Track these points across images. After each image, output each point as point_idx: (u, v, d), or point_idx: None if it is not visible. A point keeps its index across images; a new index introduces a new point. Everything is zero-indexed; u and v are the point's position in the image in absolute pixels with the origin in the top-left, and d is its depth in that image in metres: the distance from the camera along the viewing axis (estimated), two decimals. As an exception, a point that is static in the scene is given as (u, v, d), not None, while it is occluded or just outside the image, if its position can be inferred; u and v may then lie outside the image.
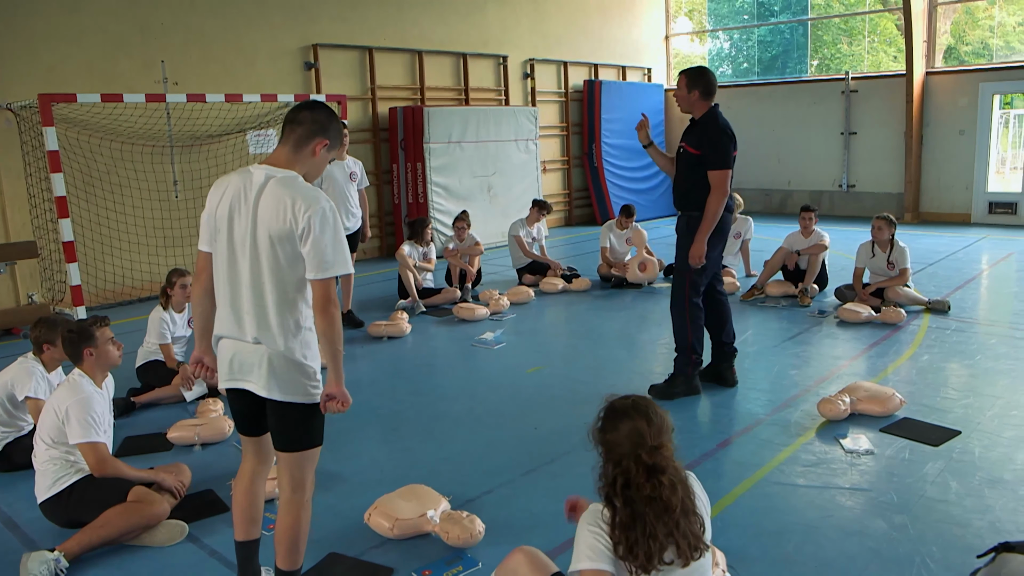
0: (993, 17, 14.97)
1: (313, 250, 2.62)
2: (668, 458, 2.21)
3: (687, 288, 5.27)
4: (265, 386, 2.71)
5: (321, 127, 2.76)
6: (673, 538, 2.17)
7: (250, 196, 2.68)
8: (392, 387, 5.93)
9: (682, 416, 5.09)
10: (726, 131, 5.08)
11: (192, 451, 4.75)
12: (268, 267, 2.66)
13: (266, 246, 2.64)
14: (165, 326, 5.76)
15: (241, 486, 3.00)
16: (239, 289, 2.71)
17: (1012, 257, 10.33)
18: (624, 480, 2.19)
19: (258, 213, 2.64)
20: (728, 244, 9.15)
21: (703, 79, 5.12)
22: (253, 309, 2.69)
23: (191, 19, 9.86)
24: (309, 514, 2.89)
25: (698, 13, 18.50)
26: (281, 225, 2.61)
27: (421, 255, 8.49)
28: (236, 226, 2.69)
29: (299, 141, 2.75)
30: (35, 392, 4.36)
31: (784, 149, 15.99)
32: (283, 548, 2.85)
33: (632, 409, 2.29)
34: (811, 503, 3.81)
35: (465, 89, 13.36)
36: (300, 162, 2.76)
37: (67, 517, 3.69)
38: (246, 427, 2.94)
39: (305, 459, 2.82)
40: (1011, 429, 4.61)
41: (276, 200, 2.63)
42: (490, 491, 4.06)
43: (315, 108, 2.79)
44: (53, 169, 7.89)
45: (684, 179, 5.24)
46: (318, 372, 2.78)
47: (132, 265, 9.29)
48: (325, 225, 2.63)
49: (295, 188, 2.66)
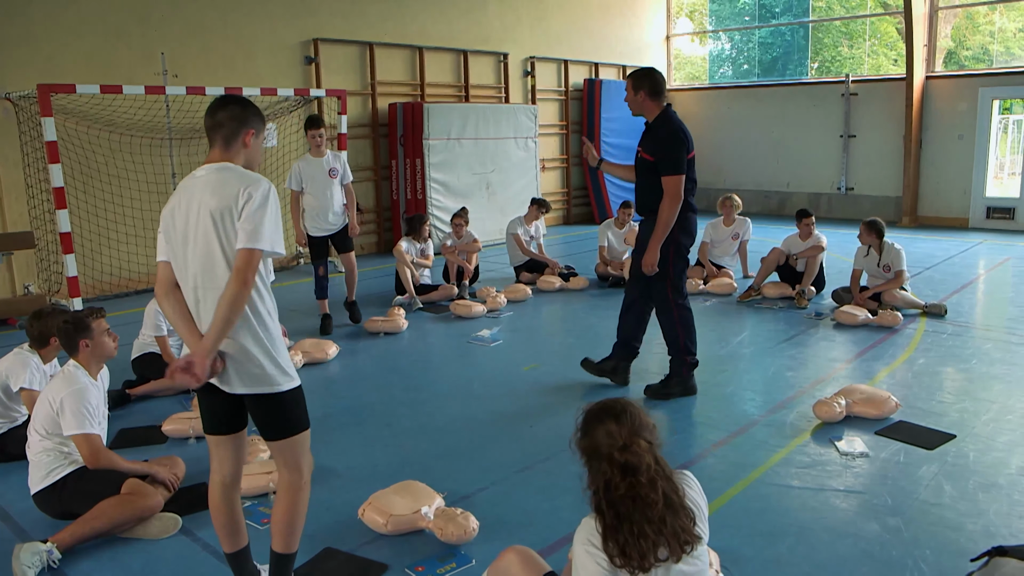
0: (993, 23, 14.98)
1: (247, 222, 2.63)
2: (642, 455, 2.20)
3: (669, 291, 5.24)
4: (229, 381, 2.69)
5: (241, 120, 2.79)
6: (663, 534, 2.18)
7: (192, 189, 2.73)
8: (387, 383, 5.92)
9: (677, 416, 5.09)
10: (678, 134, 5.01)
11: (187, 444, 4.75)
12: (215, 250, 2.65)
13: (210, 226, 2.64)
14: (161, 318, 5.75)
15: (215, 500, 2.92)
16: (193, 281, 2.71)
17: (1009, 262, 10.35)
18: (604, 482, 2.21)
19: (201, 199, 2.67)
20: (726, 245, 9.26)
21: (648, 79, 5.09)
22: (206, 300, 2.69)
23: (191, 11, 9.84)
24: (306, 497, 2.88)
25: (699, 14, 18.49)
26: (220, 202, 2.64)
27: (419, 251, 8.48)
28: (181, 220, 2.72)
29: (227, 139, 2.79)
30: (30, 383, 4.36)
31: (783, 151, 16.00)
32: (279, 530, 2.85)
33: (603, 412, 2.32)
34: (805, 504, 3.82)
35: (465, 86, 13.35)
36: (235, 156, 2.80)
37: (60, 508, 3.68)
38: (216, 425, 2.86)
39: (295, 444, 2.82)
40: (1005, 434, 4.61)
41: (217, 183, 2.69)
42: (484, 488, 4.05)
43: (227, 104, 2.81)
44: (51, 160, 7.88)
45: (642, 184, 5.22)
46: (281, 361, 2.74)
47: (129, 257, 9.28)
48: (265, 202, 2.67)
49: (236, 171, 2.75)
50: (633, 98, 5.09)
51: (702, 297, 8.52)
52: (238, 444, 2.91)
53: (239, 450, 2.92)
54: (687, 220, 5.16)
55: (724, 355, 6.39)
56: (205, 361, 2.60)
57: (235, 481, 2.95)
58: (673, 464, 4.24)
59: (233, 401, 2.78)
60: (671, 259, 5.18)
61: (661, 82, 5.13)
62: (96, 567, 3.40)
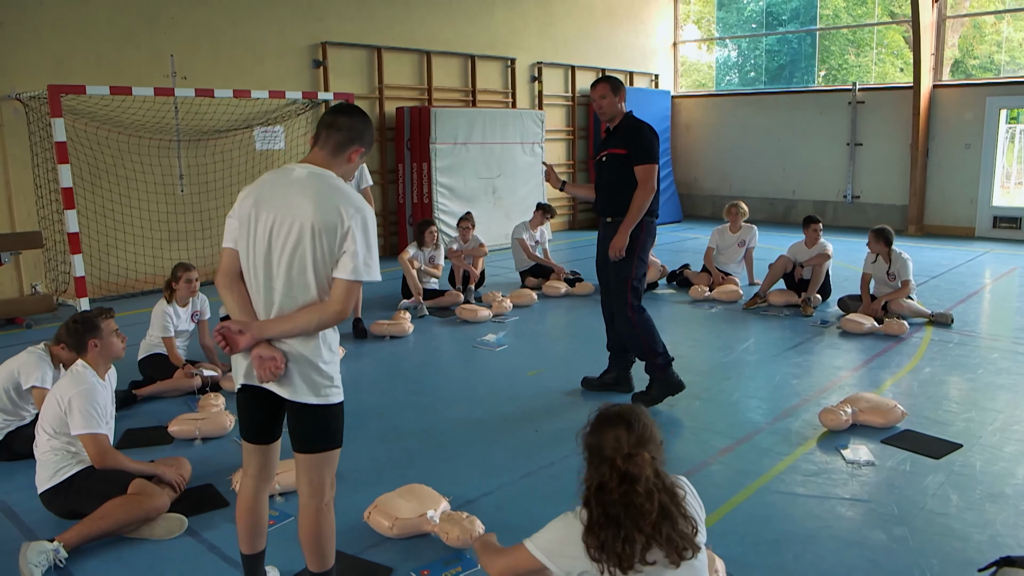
0: (1000, 32, 14.97)
1: (354, 254, 2.60)
2: (643, 467, 2.24)
3: (628, 296, 5.22)
4: (291, 384, 2.66)
5: (359, 134, 2.77)
6: (656, 541, 2.21)
7: (288, 188, 2.65)
8: (393, 387, 5.93)
9: (681, 424, 5.09)
10: (650, 128, 5.20)
11: (193, 445, 4.76)
12: (306, 263, 2.61)
13: (307, 239, 2.59)
14: (168, 319, 5.77)
15: (244, 505, 2.91)
16: (271, 283, 2.66)
17: (1016, 272, 10.33)
18: (599, 483, 2.25)
19: (299, 205, 2.60)
20: (732, 252, 9.26)
21: (622, 85, 5.25)
22: (282, 306, 2.65)
23: (200, 13, 9.88)
24: (330, 517, 2.81)
25: (706, 21, 18.51)
26: (323, 218, 2.58)
27: (427, 258, 8.47)
28: (267, 218, 2.63)
29: (337, 147, 2.74)
30: (42, 382, 4.37)
31: (789, 159, 15.99)
32: (308, 552, 2.81)
33: (617, 417, 2.35)
34: (811, 513, 3.81)
35: (472, 91, 13.38)
36: (337, 166, 2.75)
37: (67, 508, 3.69)
38: (255, 432, 2.84)
39: (323, 461, 2.75)
40: (1012, 444, 4.60)
41: (319, 193, 2.61)
42: (490, 492, 4.06)
43: (353, 114, 2.77)
44: (60, 160, 7.92)
45: (609, 183, 5.23)
46: (336, 374, 2.74)
47: (136, 258, 9.31)
48: (370, 231, 2.66)
49: (338, 185, 2.68)
50: (613, 101, 5.17)
51: (707, 304, 8.51)
52: (273, 451, 2.91)
53: (273, 456, 2.92)
54: (651, 224, 5.25)
55: (729, 362, 6.39)
56: (254, 340, 2.60)
57: (267, 485, 2.95)
58: (678, 471, 4.24)
59: (275, 412, 2.78)
60: (634, 261, 5.18)
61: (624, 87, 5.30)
62: (102, 567, 3.41)
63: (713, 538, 3.51)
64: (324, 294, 2.65)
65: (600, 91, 5.20)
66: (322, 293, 2.65)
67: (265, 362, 2.60)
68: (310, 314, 2.61)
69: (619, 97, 5.18)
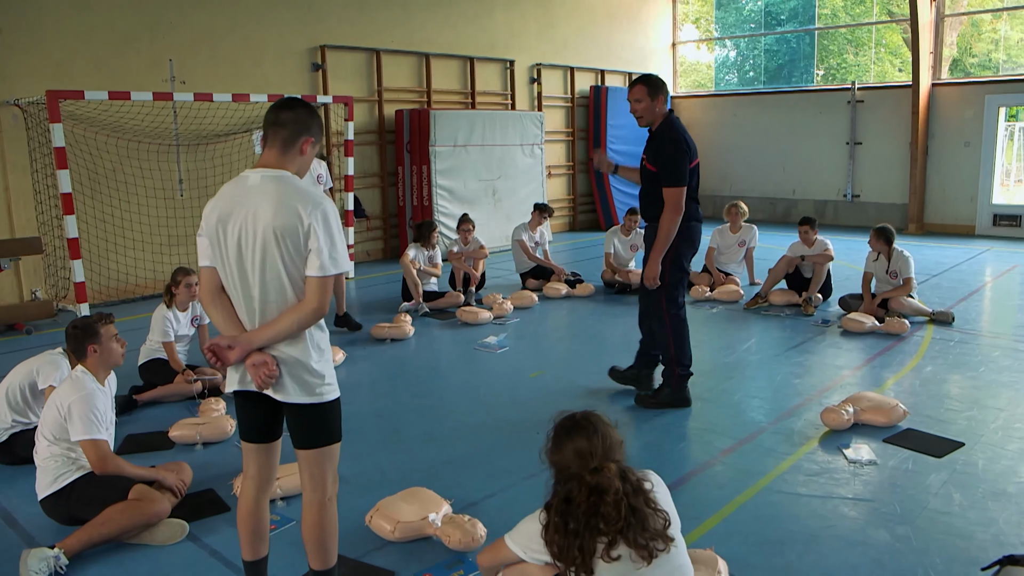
0: (998, 31, 14.97)
1: (320, 250, 2.63)
2: (611, 478, 2.31)
3: (663, 301, 5.18)
4: (284, 389, 2.69)
5: (305, 125, 2.75)
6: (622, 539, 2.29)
7: (246, 197, 2.66)
8: (394, 389, 5.92)
9: (684, 424, 5.08)
10: (680, 144, 4.92)
11: (193, 450, 4.75)
12: (278, 268, 2.63)
13: (272, 244, 2.61)
14: (168, 324, 5.76)
15: (244, 509, 2.91)
16: (248, 292, 2.69)
17: (1016, 270, 10.32)
18: (565, 496, 2.34)
19: (258, 212, 2.62)
20: (732, 252, 9.25)
21: (663, 86, 5.01)
22: (264, 314, 2.68)
23: (199, 17, 9.88)
24: (333, 513, 2.84)
25: (705, 21, 18.51)
26: (283, 221, 2.60)
27: (427, 259, 8.47)
28: (233, 230, 2.65)
29: (286, 143, 2.73)
30: (59, 383, 4.35)
31: (789, 158, 15.99)
32: (311, 548, 2.82)
33: (574, 429, 2.41)
34: (814, 512, 3.80)
35: (472, 93, 13.38)
36: (290, 162, 2.75)
37: (67, 514, 3.68)
38: (254, 432, 2.86)
39: (324, 456, 2.78)
40: (1015, 442, 4.59)
41: (276, 196, 2.62)
42: (492, 495, 4.05)
43: (294, 107, 2.76)
44: (59, 165, 7.90)
45: (646, 192, 5.17)
46: (328, 371, 2.76)
47: (136, 263, 9.30)
48: (332, 224, 2.67)
49: (294, 184, 2.69)
50: (649, 105, 4.97)
51: (708, 304, 8.51)
52: (273, 452, 2.91)
53: (274, 458, 2.92)
54: (690, 230, 5.11)
55: (731, 362, 6.38)
56: (244, 352, 2.64)
57: (267, 488, 2.95)
58: (681, 472, 4.24)
59: (274, 411, 2.79)
60: (668, 268, 5.11)
61: (665, 87, 5.08)
62: (103, 573, 3.40)
63: (716, 538, 3.51)
64: (301, 295, 2.68)
65: (635, 94, 4.99)
66: (299, 294, 2.68)
67: (259, 369, 2.64)
68: (291, 316, 2.65)
69: (657, 101, 4.94)
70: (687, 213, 5.02)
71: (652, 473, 2.49)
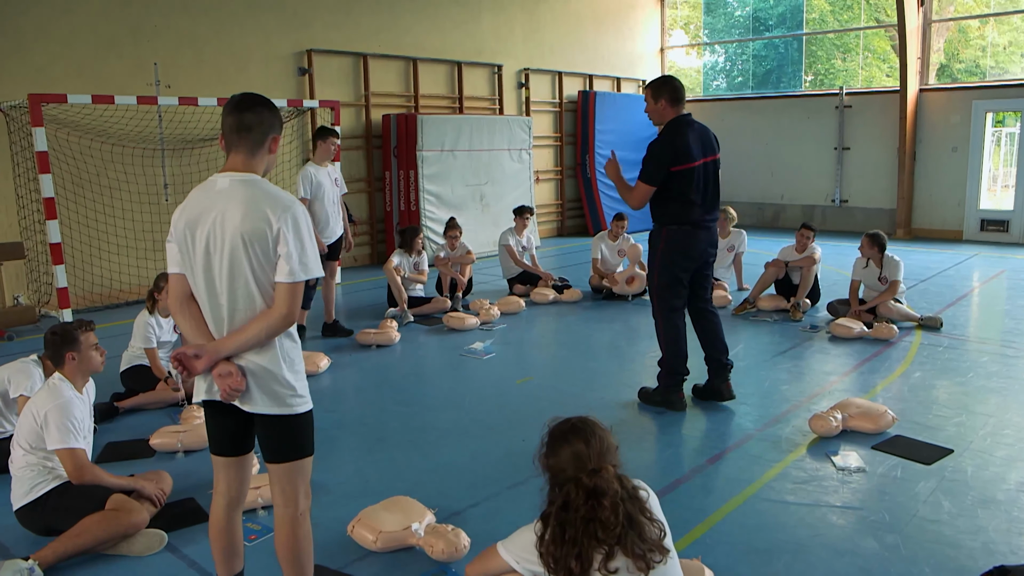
0: (985, 37, 15.04)
1: (289, 256, 2.56)
2: (610, 480, 2.27)
3: (655, 300, 5.32)
4: (251, 399, 2.61)
5: (269, 124, 2.68)
6: (620, 548, 2.24)
7: (214, 202, 2.59)
8: (379, 396, 5.86)
9: (672, 431, 5.04)
10: (665, 147, 4.99)
11: (175, 458, 4.68)
12: (246, 274, 2.57)
13: (239, 249, 2.54)
14: (151, 330, 5.68)
15: (215, 526, 2.83)
16: (216, 299, 2.62)
17: (1004, 275, 10.34)
18: (564, 501, 2.29)
19: (227, 217, 2.55)
20: (720, 257, 9.22)
21: (668, 87, 5.10)
22: (232, 321, 2.61)
23: (184, 21, 9.81)
24: (307, 529, 2.76)
25: (694, 26, 18.54)
26: (251, 225, 2.53)
27: (412, 265, 8.41)
28: (201, 236, 2.58)
29: (254, 145, 2.65)
30: (31, 392, 4.27)
31: (777, 163, 16.02)
32: (285, 565, 2.75)
33: (571, 432, 2.37)
34: (801, 521, 3.76)
35: (459, 97, 13.34)
36: (259, 163, 2.68)
37: (43, 525, 3.61)
38: (223, 445, 2.78)
39: (294, 470, 2.70)
40: (1003, 448, 4.57)
41: (245, 201, 2.56)
42: (476, 504, 3.99)
43: (254, 107, 2.66)
44: (42, 170, 7.83)
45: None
46: (300, 384, 2.68)
47: (120, 268, 9.21)
48: (303, 228, 2.60)
49: (263, 188, 2.61)
50: (654, 107, 5.11)
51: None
52: (244, 466, 2.83)
53: (245, 471, 2.85)
54: (682, 234, 5.11)
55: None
56: (211, 361, 2.56)
57: (239, 503, 2.87)
58: (668, 479, 4.20)
59: (243, 423, 2.71)
60: (656, 272, 5.23)
61: (680, 88, 5.12)
62: (79, 585, 3.33)
63: (703, 548, 3.47)
64: (270, 301, 2.60)
65: (645, 97, 5.20)
66: (267, 301, 2.61)
67: (224, 379, 2.56)
68: (259, 324, 2.57)
69: (659, 103, 5.07)
70: (678, 216, 5.09)
71: (645, 484, 2.44)
